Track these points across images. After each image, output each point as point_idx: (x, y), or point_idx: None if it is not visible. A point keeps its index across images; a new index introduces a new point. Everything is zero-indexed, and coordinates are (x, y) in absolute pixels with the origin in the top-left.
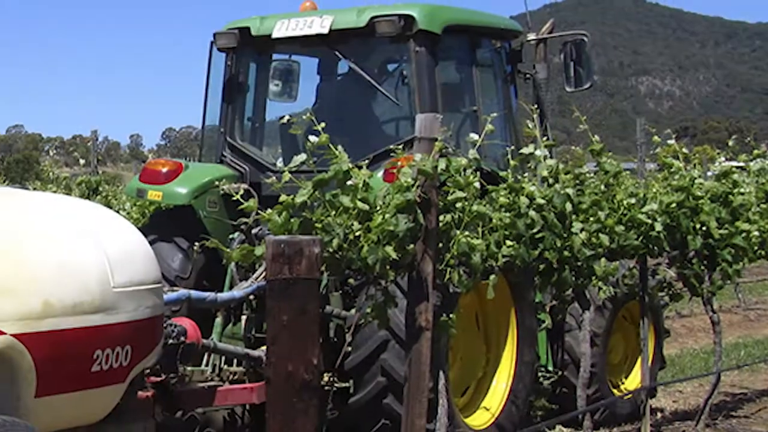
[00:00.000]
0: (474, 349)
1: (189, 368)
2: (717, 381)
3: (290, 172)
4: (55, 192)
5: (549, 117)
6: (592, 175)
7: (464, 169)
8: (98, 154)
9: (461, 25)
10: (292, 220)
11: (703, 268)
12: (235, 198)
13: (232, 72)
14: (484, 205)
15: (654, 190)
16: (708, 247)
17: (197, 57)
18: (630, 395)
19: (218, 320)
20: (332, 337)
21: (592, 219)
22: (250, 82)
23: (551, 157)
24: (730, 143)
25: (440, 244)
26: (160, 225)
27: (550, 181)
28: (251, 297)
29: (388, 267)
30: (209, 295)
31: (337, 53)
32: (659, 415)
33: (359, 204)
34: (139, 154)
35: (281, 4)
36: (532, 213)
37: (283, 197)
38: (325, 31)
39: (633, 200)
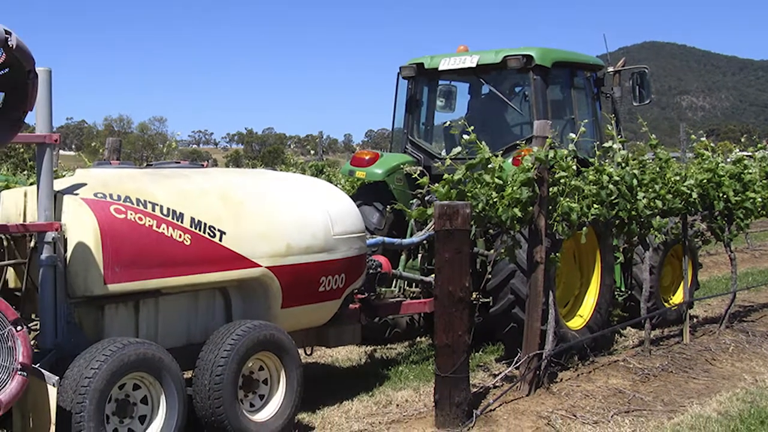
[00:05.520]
0: (572, 276)
1: (383, 289)
2: (733, 298)
3: (451, 159)
4: (294, 172)
5: (622, 122)
6: (650, 161)
7: (566, 157)
8: (323, 147)
9: (564, 61)
10: (451, 191)
11: (724, 222)
12: (414, 176)
13: (411, 92)
14: (579, 181)
15: (691, 171)
16: (727, 209)
17: (388, 80)
18: (676, 307)
19: (403, 257)
20: (478, 268)
21: (650, 190)
22: (423, 99)
23: (623, 149)
24: (742, 140)
25: (550, 207)
26: (364, 194)
27: (623, 164)
28: (425, 242)
29: (515, 222)
30: (397, 240)
31: (481, 80)
32: (695, 320)
33: (496, 180)
34: (350, 146)
35: (444, 47)
36: (611, 186)
37: (445, 176)
38: (474, 65)
39: (678, 177)
